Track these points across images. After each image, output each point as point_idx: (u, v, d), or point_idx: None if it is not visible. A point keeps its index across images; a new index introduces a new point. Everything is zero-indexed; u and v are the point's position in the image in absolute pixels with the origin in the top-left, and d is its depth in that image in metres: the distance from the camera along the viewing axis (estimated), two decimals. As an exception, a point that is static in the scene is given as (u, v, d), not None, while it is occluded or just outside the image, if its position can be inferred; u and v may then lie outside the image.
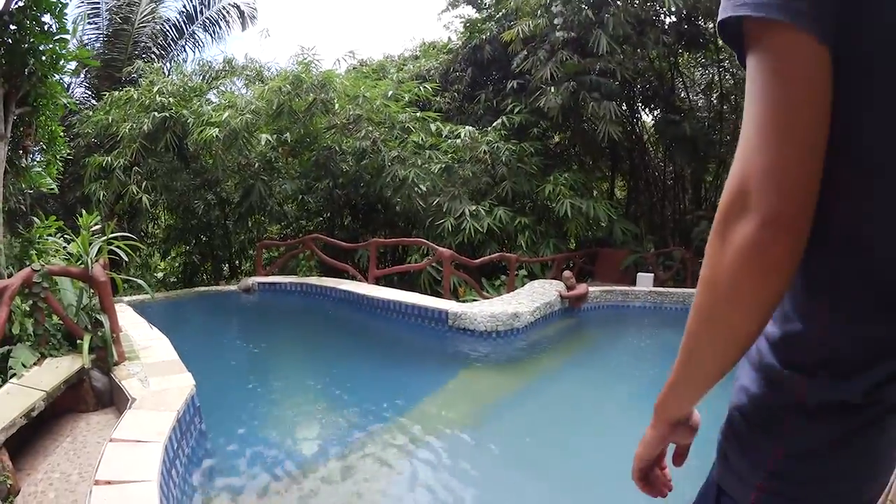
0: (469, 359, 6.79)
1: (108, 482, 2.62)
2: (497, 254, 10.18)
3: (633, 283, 10.90)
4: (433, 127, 11.77)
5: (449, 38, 16.27)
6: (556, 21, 11.48)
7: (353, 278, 10.27)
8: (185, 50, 14.93)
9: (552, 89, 11.18)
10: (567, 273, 9.37)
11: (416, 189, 10.61)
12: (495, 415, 5.14)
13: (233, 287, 10.14)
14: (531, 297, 8.41)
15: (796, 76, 0.67)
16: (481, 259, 9.81)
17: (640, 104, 14.29)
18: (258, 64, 13.94)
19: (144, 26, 13.78)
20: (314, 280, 10.23)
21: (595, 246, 12.84)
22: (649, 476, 1.03)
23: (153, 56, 13.83)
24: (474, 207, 10.68)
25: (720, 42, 12.64)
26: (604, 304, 10.02)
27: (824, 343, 0.78)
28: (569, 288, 9.18)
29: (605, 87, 11.29)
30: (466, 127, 11.69)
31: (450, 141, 11.54)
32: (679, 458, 1.04)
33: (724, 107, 14.42)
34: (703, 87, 15.20)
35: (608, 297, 10.18)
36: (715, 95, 14.69)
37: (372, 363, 6.64)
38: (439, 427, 4.62)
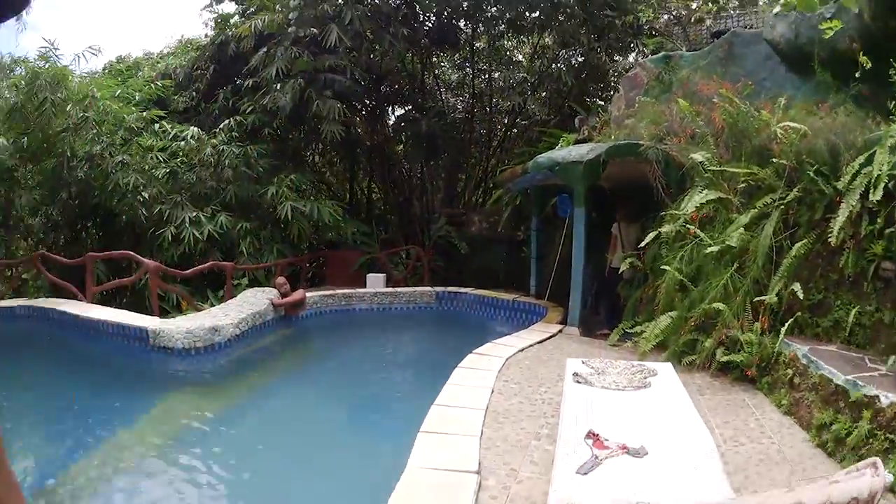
0: (172, 381, 6.44)
1: None
2: (210, 262, 9.84)
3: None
4: (157, 127, 11.52)
5: (206, 35, 15.51)
6: (291, 16, 11.49)
7: (75, 297, 9.65)
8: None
9: (278, 86, 11.17)
10: (280, 279, 9.10)
11: (139, 196, 10.32)
12: (193, 443, 4.79)
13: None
14: (239, 308, 7.96)
15: None
16: (192, 269, 9.50)
17: (385, 103, 14.77)
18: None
19: None
20: (38, 302, 9.47)
21: (327, 249, 13.03)
22: None
23: None
24: (194, 214, 10.45)
25: (477, 44, 14.43)
26: (325, 310, 9.74)
27: None
28: (282, 295, 8.78)
29: (338, 84, 11.34)
30: (192, 128, 11.38)
31: (175, 143, 11.31)
32: None
33: (476, 108, 15.04)
34: (453, 86, 15.87)
35: (329, 301, 9.87)
36: (467, 95, 15.26)
37: (73, 391, 6.00)
38: (131, 463, 4.39)
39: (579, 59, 13.97)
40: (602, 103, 12.90)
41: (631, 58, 14.01)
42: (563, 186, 8.93)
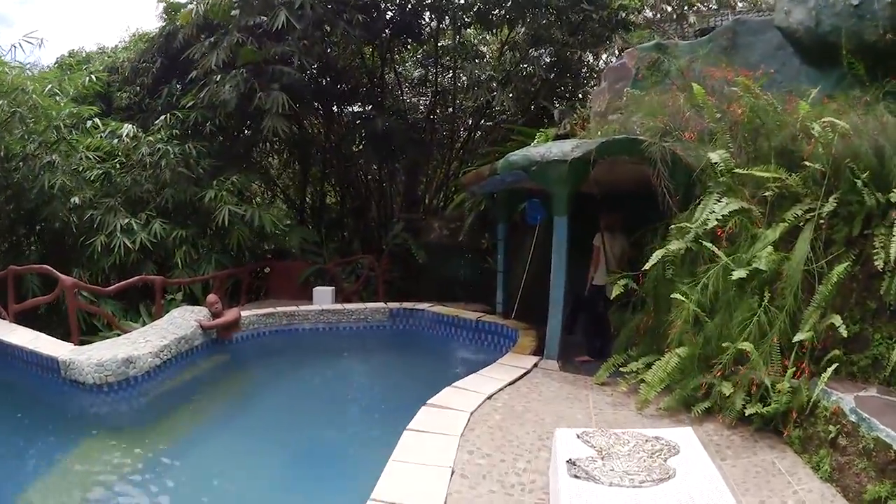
0: (83, 424, 5.39)
1: None
2: (137, 277, 8.76)
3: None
4: (89, 125, 10.47)
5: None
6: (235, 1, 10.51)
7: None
8: None
9: (217, 78, 10.22)
10: (211, 297, 7.90)
11: (68, 202, 9.37)
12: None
13: None
14: (162, 333, 6.84)
15: None
16: (115, 286, 8.33)
17: (342, 101, 13.73)
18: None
19: None
20: None
21: (273, 258, 12.05)
22: None
23: None
24: (126, 221, 9.46)
25: (443, 41, 13.45)
26: (264, 331, 8.47)
27: None
28: (213, 315, 7.64)
29: (287, 77, 10.36)
30: (126, 125, 10.40)
31: (109, 142, 10.38)
32: None
33: (438, 107, 14.16)
34: (415, 83, 14.89)
35: (269, 321, 8.55)
36: (430, 93, 14.29)
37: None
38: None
39: (551, 59, 12.97)
40: (581, 97, 11.98)
41: (604, 58, 13.11)
42: (533, 190, 7.83)
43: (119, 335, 7.41)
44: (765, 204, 4.66)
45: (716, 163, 4.81)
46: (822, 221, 4.33)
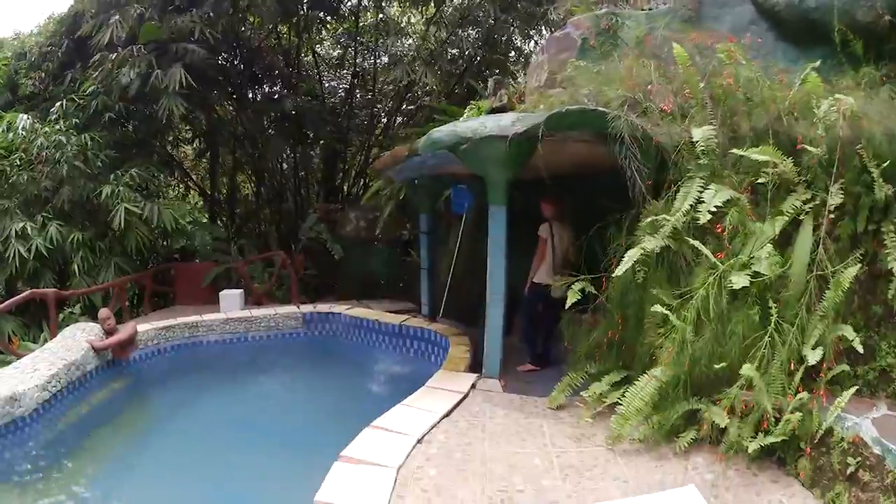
0: None
1: None
2: (28, 291, 7.35)
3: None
4: None
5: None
6: None
7: None
8: None
9: (112, 57, 9.06)
10: (103, 312, 6.72)
11: None
12: None
13: None
14: (51, 359, 5.69)
15: None
16: (5, 303, 6.99)
17: (256, 84, 12.53)
18: None
19: None
20: None
21: (178, 260, 10.94)
22: None
23: None
24: (21, 225, 8.35)
25: (364, 20, 12.19)
26: (164, 347, 7.29)
27: None
28: (107, 332, 6.52)
29: (191, 55, 9.15)
30: (21, 116, 9.16)
31: (4, 136, 9.14)
32: None
33: (357, 89, 13.36)
34: (334, 63, 13.90)
35: (168, 335, 7.34)
36: (348, 73, 13.37)
37: None
38: None
39: (480, 37, 12.05)
40: (513, 77, 11.08)
41: (535, 39, 12.32)
42: (458, 175, 6.83)
43: (12, 361, 6.26)
44: (755, 193, 3.85)
45: (696, 141, 3.94)
46: (829, 215, 3.56)
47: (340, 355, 7.54)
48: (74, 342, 6.18)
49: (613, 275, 3.98)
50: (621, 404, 3.75)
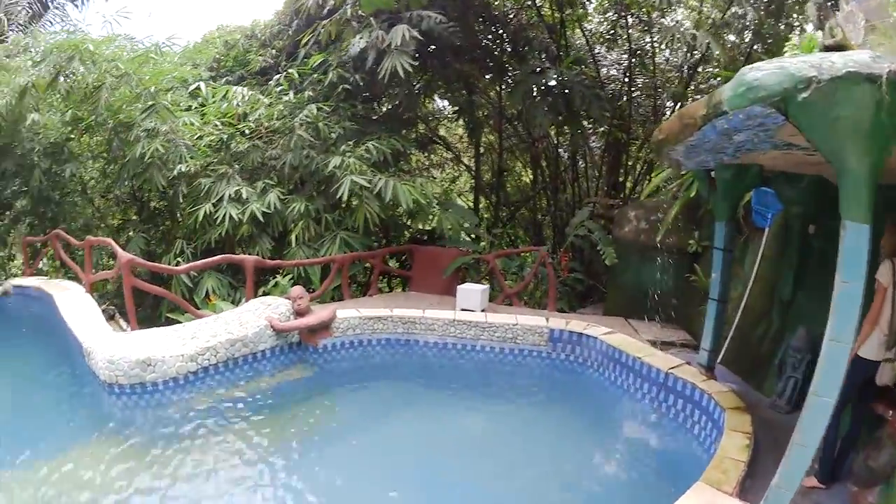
0: (95, 427, 4.51)
1: None
2: (220, 256, 7.57)
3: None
4: (194, 87, 10.00)
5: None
6: None
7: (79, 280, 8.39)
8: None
9: (324, 24, 8.90)
10: (296, 290, 6.34)
11: (165, 170, 8.60)
12: None
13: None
14: (214, 330, 5.53)
15: None
16: (191, 265, 7.40)
17: (513, 58, 11.38)
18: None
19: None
20: (46, 284, 8.36)
21: (416, 243, 10.16)
22: None
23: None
24: (234, 190, 8.41)
25: None
26: (368, 340, 6.51)
27: None
28: (297, 313, 6.08)
29: (427, 22, 8.43)
30: (237, 88, 9.55)
31: (217, 106, 9.57)
32: None
33: (636, 70, 11.47)
34: (606, 38, 11.99)
35: (377, 327, 6.59)
36: (623, 52, 11.47)
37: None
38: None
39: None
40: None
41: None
42: (768, 172, 4.83)
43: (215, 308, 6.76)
44: None
45: None
46: None
47: (582, 395, 6.07)
48: (253, 316, 5.88)
49: None
50: None
